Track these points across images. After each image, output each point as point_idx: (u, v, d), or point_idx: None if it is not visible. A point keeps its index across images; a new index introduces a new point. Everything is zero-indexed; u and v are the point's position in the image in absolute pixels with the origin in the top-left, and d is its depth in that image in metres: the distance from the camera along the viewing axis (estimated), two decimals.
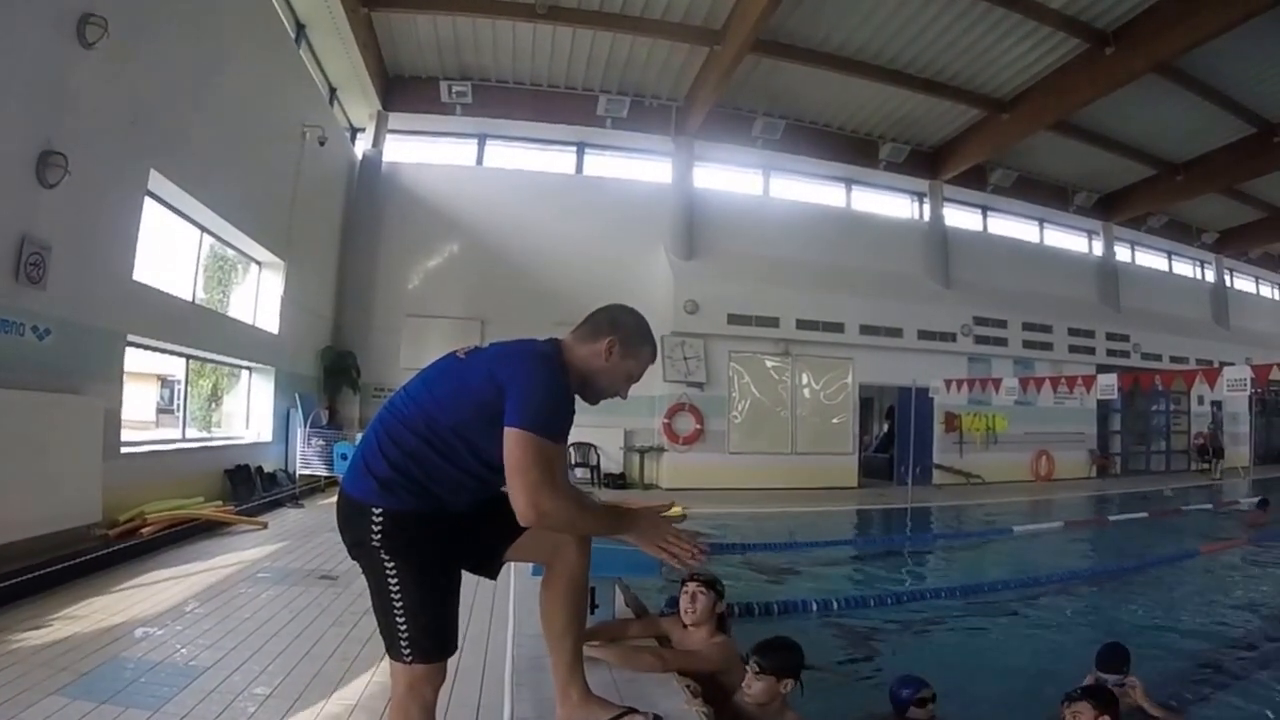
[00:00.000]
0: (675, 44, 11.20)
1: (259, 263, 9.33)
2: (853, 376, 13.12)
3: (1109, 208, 16.72)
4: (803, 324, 12.64)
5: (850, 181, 14.68)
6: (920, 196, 15.16)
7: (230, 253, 8.86)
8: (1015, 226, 16.50)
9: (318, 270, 11.02)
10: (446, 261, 12.50)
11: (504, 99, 12.64)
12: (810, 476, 12.33)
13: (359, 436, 6.59)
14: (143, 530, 5.63)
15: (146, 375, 9.53)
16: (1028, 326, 14.67)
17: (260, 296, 9.37)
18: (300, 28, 10.16)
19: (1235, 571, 6.84)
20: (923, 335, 13.49)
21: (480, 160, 13.19)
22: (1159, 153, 14.41)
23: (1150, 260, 18.76)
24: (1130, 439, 17.16)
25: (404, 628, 1.74)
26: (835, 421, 13.01)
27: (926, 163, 14.63)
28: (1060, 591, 5.68)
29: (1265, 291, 21.75)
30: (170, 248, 7.35)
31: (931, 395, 10.94)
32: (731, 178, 14.02)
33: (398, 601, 1.74)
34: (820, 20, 10.50)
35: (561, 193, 12.93)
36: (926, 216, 15.06)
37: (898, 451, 13.34)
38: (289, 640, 3.64)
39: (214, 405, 9.00)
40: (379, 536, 1.73)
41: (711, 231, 13.08)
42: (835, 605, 4.81)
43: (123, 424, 6.17)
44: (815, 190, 14.55)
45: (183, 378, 8.09)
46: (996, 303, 14.49)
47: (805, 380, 12.91)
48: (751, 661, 2.40)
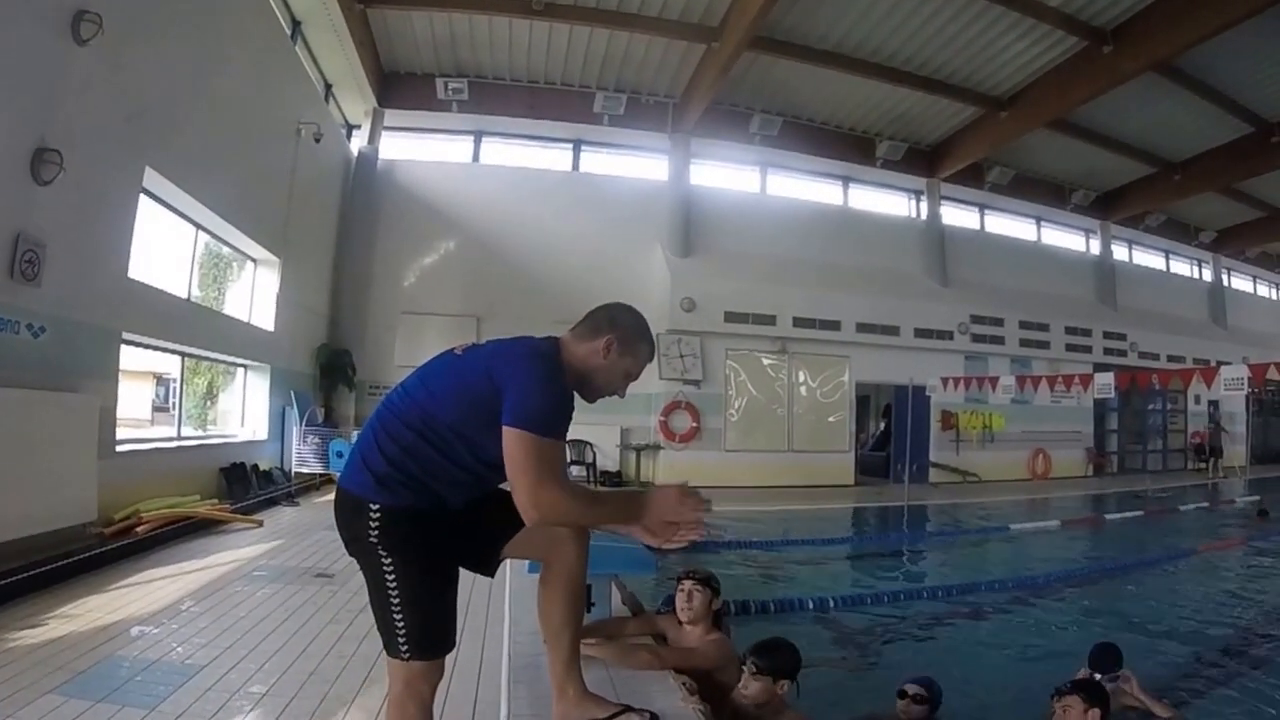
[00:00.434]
0: (672, 41, 11.17)
1: (254, 260, 9.30)
2: (849, 374, 13.14)
3: (1107, 206, 16.73)
4: (799, 322, 12.65)
5: (847, 179, 14.68)
6: (917, 194, 15.16)
7: (225, 250, 8.83)
8: (1013, 225, 16.51)
9: (313, 268, 10.99)
10: (442, 259, 12.47)
11: (500, 96, 12.61)
12: (807, 474, 12.34)
13: (354, 434, 6.58)
14: (138, 529, 5.61)
15: (142, 373, 9.48)
16: (1025, 325, 14.70)
17: (255, 294, 9.34)
18: (296, 24, 10.12)
19: (1233, 571, 6.86)
20: (919, 333, 13.51)
21: (476, 157, 13.16)
22: (1157, 151, 14.42)
23: (1148, 259, 18.78)
24: (1127, 438, 17.20)
25: (401, 624, 1.74)
26: (832, 419, 13.03)
27: (924, 160, 14.62)
28: (1057, 589, 5.68)
29: (1262, 291, 21.81)
30: (166, 245, 7.32)
31: (928, 393, 10.95)
32: (728, 175, 14.00)
33: (395, 598, 1.73)
34: (818, 17, 10.48)
35: (558, 190, 12.89)
36: (924, 214, 15.06)
37: (894, 449, 13.37)
38: (285, 638, 3.63)
39: (209, 403, 8.98)
40: (376, 533, 1.72)
41: (708, 229, 13.06)
42: (831, 603, 4.81)
43: (118, 422, 6.15)
44: (812, 188, 14.54)
45: (178, 375, 8.06)
46: (994, 301, 14.51)
47: (802, 378, 12.91)
48: (748, 662, 2.41)
